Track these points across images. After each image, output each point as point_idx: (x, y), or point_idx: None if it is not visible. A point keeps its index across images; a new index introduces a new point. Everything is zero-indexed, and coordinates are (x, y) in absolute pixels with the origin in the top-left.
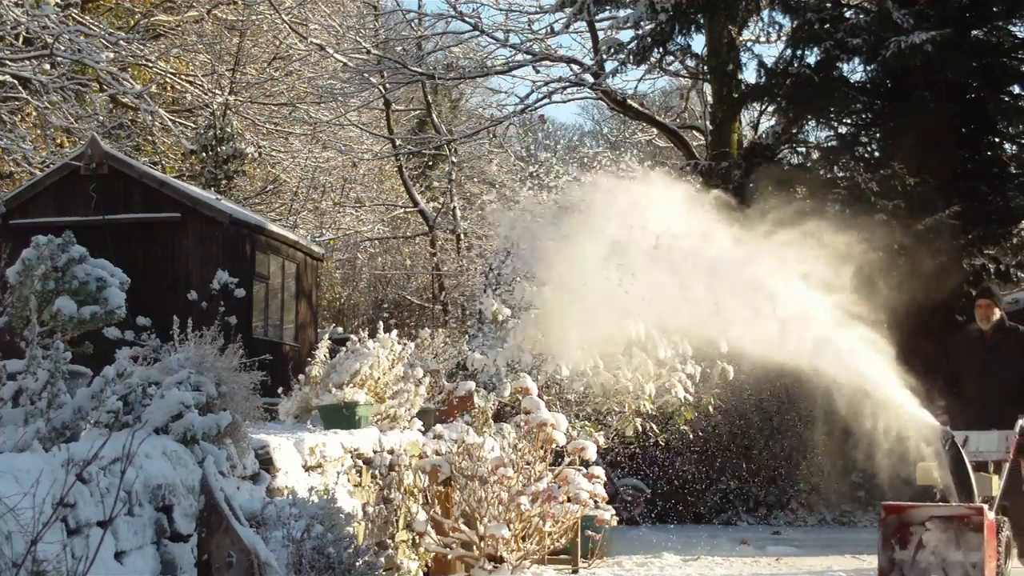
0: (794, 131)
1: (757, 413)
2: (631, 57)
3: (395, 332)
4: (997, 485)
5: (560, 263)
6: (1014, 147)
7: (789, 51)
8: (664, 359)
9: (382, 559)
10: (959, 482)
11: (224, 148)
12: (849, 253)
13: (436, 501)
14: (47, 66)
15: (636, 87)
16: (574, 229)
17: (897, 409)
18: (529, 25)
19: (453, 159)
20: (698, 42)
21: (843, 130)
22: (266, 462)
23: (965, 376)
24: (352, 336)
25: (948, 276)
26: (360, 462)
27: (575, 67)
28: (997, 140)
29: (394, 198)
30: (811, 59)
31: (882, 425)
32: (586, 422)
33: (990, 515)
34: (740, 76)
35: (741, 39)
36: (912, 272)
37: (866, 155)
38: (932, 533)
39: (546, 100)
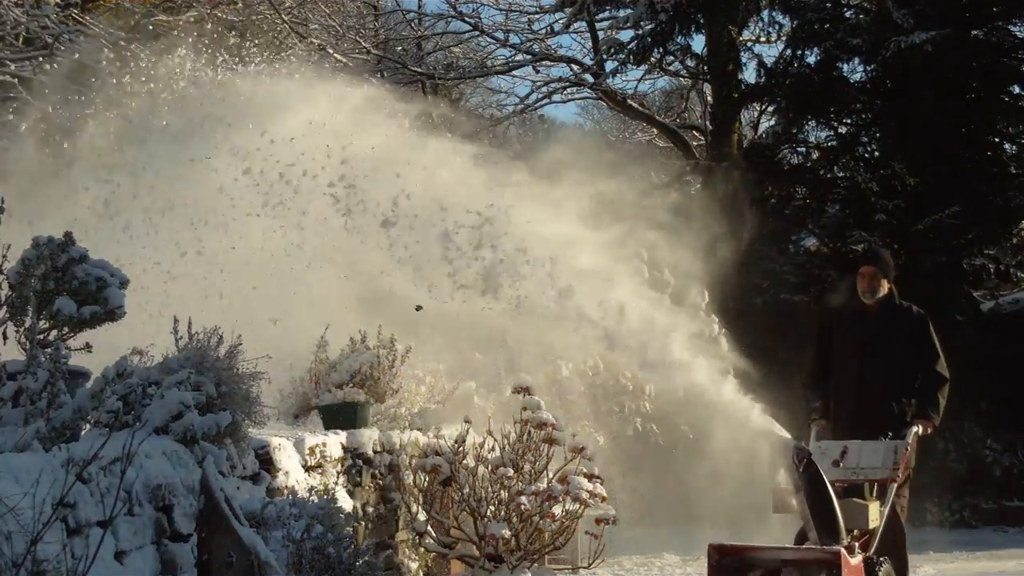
0: (794, 131)
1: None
2: (631, 57)
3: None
4: (878, 514)
5: None
6: (1014, 147)
7: (789, 51)
8: None
9: (382, 559)
10: (818, 514)
11: None
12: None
13: (436, 501)
14: (47, 66)
15: (636, 87)
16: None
17: (732, 415)
18: (529, 25)
19: None
20: (698, 42)
21: (843, 130)
22: (266, 462)
23: (839, 366)
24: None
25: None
26: (360, 462)
27: (575, 67)
28: (997, 140)
29: None
30: (811, 59)
31: (721, 437)
32: (586, 422)
33: (854, 559)
34: (740, 76)
35: (741, 39)
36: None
37: (866, 155)
38: None
39: (546, 100)
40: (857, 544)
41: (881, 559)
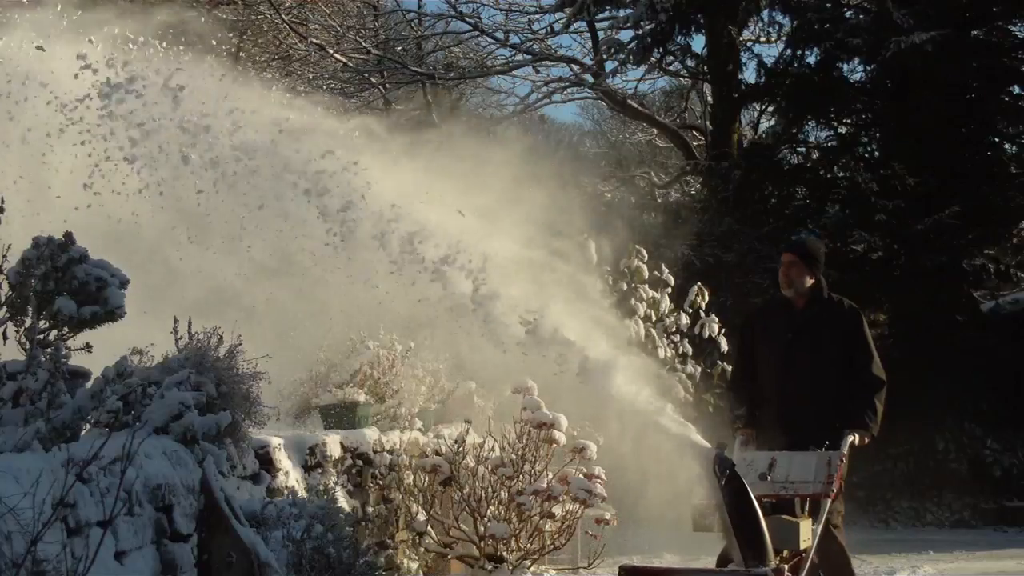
0: (794, 131)
1: None
2: (631, 57)
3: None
4: (810, 533)
5: None
6: (1014, 147)
7: (789, 51)
8: (664, 359)
9: (382, 559)
10: (742, 532)
11: None
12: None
13: (436, 501)
14: None
15: (636, 87)
16: None
17: (646, 420)
18: (529, 25)
19: None
20: (698, 42)
21: (843, 130)
22: (266, 462)
23: (763, 367)
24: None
25: None
26: (360, 462)
27: (575, 67)
28: (997, 140)
29: None
30: (811, 59)
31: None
32: (586, 422)
33: None
34: (740, 76)
35: (741, 39)
36: None
37: (866, 155)
38: None
39: (546, 100)
40: (786, 567)
41: None
